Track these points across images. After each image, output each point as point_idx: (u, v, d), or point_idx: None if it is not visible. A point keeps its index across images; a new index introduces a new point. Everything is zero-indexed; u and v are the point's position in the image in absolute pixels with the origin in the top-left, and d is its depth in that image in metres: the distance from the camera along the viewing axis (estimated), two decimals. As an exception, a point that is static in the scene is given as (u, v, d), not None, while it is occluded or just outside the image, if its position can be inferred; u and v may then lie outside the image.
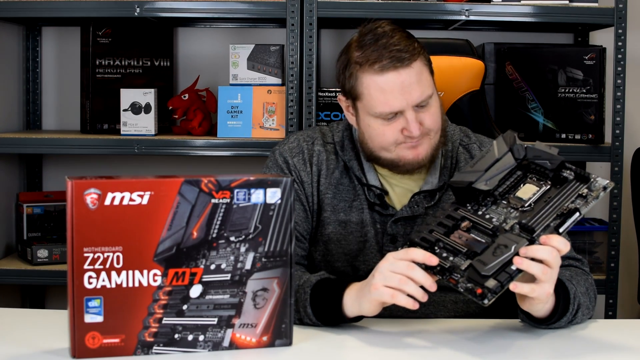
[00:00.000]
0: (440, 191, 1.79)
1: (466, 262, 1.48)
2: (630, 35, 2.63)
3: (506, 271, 1.44)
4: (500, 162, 1.59)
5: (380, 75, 1.68)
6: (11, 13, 2.65)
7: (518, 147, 1.59)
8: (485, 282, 1.44)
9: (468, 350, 1.49)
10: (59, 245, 2.72)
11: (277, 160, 1.84)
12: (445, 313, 1.78)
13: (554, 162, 1.55)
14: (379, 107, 1.70)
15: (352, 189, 1.81)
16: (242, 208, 1.42)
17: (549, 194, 1.53)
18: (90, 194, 1.35)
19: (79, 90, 2.87)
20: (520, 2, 2.61)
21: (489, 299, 1.43)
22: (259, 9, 2.60)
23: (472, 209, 1.57)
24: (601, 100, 2.63)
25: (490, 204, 1.56)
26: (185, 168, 3.03)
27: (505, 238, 1.48)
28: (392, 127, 1.71)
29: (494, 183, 1.57)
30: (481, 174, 1.58)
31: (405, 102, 1.68)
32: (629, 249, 2.96)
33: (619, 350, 1.53)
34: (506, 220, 1.52)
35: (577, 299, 1.60)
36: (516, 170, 1.59)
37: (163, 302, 1.40)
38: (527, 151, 1.59)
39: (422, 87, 1.70)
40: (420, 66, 1.71)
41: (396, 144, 1.73)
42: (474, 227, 1.53)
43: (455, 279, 1.48)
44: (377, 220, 1.79)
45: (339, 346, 1.51)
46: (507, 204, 1.55)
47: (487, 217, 1.54)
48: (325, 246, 1.80)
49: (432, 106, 1.73)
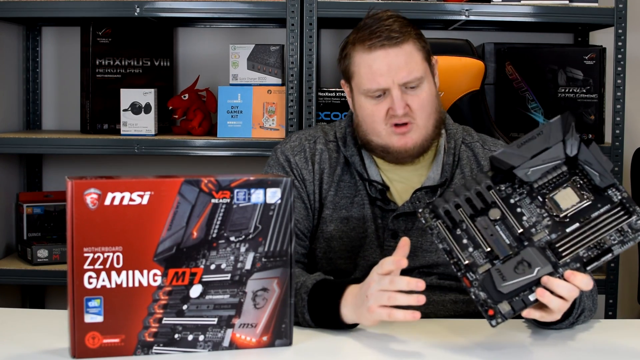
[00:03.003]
0: (442, 187, 1.80)
1: (485, 264, 1.45)
2: (630, 35, 2.63)
3: (522, 299, 1.42)
4: (549, 152, 1.48)
5: (369, 53, 1.74)
6: (11, 13, 2.65)
7: (572, 141, 1.48)
8: (499, 303, 1.42)
9: (468, 351, 1.49)
10: (59, 245, 2.72)
11: (279, 158, 1.85)
12: (445, 313, 1.78)
13: (604, 181, 1.46)
14: (366, 84, 1.75)
15: (353, 185, 1.81)
16: (242, 208, 1.42)
17: (588, 212, 1.46)
18: (90, 194, 1.35)
19: (79, 90, 2.87)
20: (520, 2, 2.61)
21: (497, 322, 1.42)
22: (259, 9, 2.60)
23: (505, 192, 1.49)
24: (601, 100, 2.63)
25: (525, 195, 1.49)
26: (185, 168, 3.03)
27: (530, 254, 1.44)
28: (380, 106, 1.75)
29: (536, 175, 1.48)
30: (525, 160, 1.48)
31: (391, 80, 1.72)
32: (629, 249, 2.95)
33: (619, 350, 1.53)
34: (536, 225, 1.47)
35: (583, 303, 1.60)
36: (563, 165, 1.49)
37: (163, 302, 1.40)
38: (580, 151, 1.48)
39: (410, 68, 1.73)
40: (412, 49, 1.75)
41: (384, 126, 1.75)
42: (503, 220, 1.47)
43: (469, 279, 1.45)
44: (378, 216, 1.79)
45: (339, 346, 1.51)
46: (542, 203, 1.48)
47: (519, 211, 1.48)
48: (327, 243, 1.81)
49: (422, 91, 1.75)
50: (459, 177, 1.82)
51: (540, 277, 1.43)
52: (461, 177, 1.82)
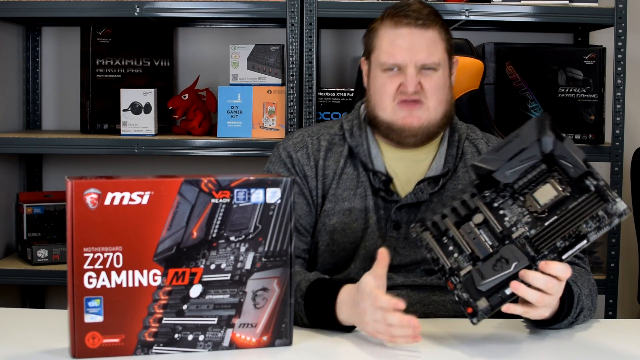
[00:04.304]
0: (444, 177, 1.80)
1: (467, 267, 1.47)
2: (630, 35, 2.63)
3: (500, 295, 1.44)
4: (525, 152, 1.51)
5: (394, 29, 1.78)
6: (11, 13, 2.65)
7: (547, 139, 1.51)
8: (477, 301, 1.44)
9: (468, 351, 1.49)
10: (59, 245, 2.72)
11: (281, 154, 1.86)
12: (445, 313, 1.78)
13: (577, 171, 1.48)
14: (384, 57, 1.78)
15: (356, 177, 1.82)
16: (242, 208, 1.42)
17: (566, 203, 1.48)
18: (90, 194, 1.35)
19: (79, 90, 2.87)
20: (520, 2, 2.61)
21: (477, 319, 1.44)
22: (259, 9, 2.60)
23: (490, 197, 1.52)
24: (601, 100, 2.63)
25: (508, 197, 1.52)
26: (185, 168, 3.03)
27: (508, 251, 1.46)
28: (392, 80, 1.77)
29: (514, 176, 1.51)
30: (503, 163, 1.52)
31: (408, 58, 1.76)
32: (629, 249, 2.96)
33: (619, 350, 1.53)
34: (517, 224, 1.49)
35: (581, 302, 1.60)
36: (541, 163, 1.52)
37: (163, 302, 1.40)
38: (555, 146, 1.51)
39: (430, 51, 1.77)
40: (436, 36, 1.79)
41: (392, 102, 1.77)
42: (485, 224, 1.50)
43: (453, 283, 1.48)
44: (381, 207, 1.80)
45: (339, 346, 1.51)
46: (523, 202, 1.50)
47: (501, 213, 1.50)
48: (330, 236, 1.81)
49: (437, 76, 1.78)
50: (462, 170, 1.83)
51: (518, 272, 1.44)
52: (465, 170, 1.82)
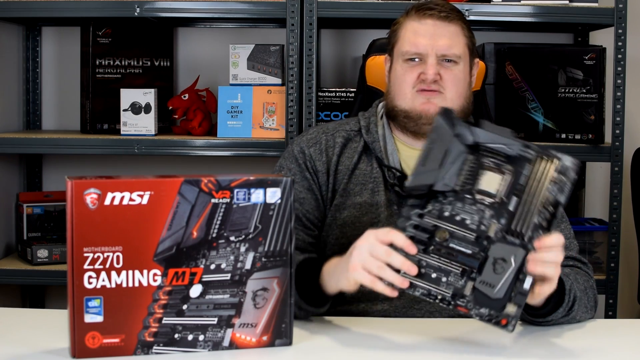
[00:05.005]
0: None
1: (467, 284, 1.44)
2: (630, 35, 2.63)
3: (519, 291, 1.41)
4: (450, 152, 1.48)
5: (418, 21, 1.82)
6: (11, 13, 2.65)
7: (463, 131, 1.48)
8: (504, 309, 1.41)
9: (467, 351, 1.49)
10: (59, 245, 2.72)
11: (293, 150, 1.87)
12: (444, 313, 1.78)
13: (514, 148, 1.47)
14: (407, 46, 1.81)
15: (369, 172, 1.83)
16: (242, 208, 1.42)
17: (517, 182, 1.46)
18: (90, 194, 1.35)
19: (79, 90, 2.87)
20: (520, 2, 2.61)
21: (513, 326, 1.41)
22: (259, 9, 2.60)
23: (436, 210, 1.47)
24: (601, 100, 2.63)
25: (454, 201, 1.47)
26: (185, 168, 3.03)
27: (498, 250, 1.43)
28: (413, 70, 1.80)
29: (453, 180, 1.47)
30: (436, 172, 1.47)
31: (430, 47, 1.79)
32: (629, 249, 2.96)
33: (619, 350, 1.53)
34: (482, 221, 1.45)
35: (573, 291, 1.61)
36: (468, 155, 1.49)
37: (163, 302, 1.40)
38: (476, 136, 1.49)
39: (451, 43, 1.80)
40: (458, 31, 1.82)
41: (411, 90, 1.80)
42: (452, 236, 1.45)
43: (463, 305, 1.43)
44: (394, 202, 1.81)
45: (338, 346, 1.51)
46: (473, 199, 1.46)
47: (459, 219, 1.46)
48: (341, 230, 1.81)
49: (457, 70, 1.81)
50: None
51: (520, 264, 1.42)
52: None
